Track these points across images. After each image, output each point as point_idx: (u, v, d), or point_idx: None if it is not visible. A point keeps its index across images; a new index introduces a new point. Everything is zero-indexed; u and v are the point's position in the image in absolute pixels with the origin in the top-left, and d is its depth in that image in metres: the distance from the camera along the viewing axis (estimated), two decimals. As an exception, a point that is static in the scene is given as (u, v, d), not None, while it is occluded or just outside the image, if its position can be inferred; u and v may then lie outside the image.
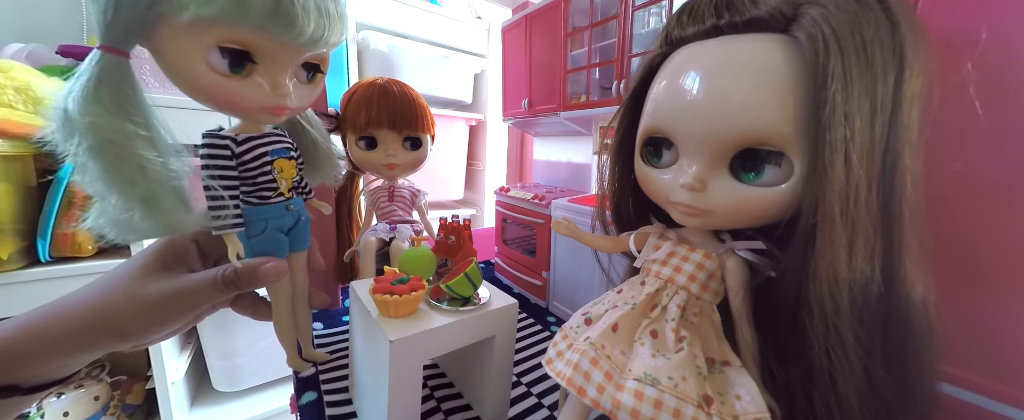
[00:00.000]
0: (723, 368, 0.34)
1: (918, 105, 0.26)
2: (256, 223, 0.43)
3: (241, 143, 0.41)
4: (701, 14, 0.33)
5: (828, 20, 0.26)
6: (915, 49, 0.25)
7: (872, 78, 0.25)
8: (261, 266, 0.41)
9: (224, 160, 0.39)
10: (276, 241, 0.44)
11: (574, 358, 0.35)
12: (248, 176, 0.41)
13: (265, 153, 0.42)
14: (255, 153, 0.41)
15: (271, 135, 0.43)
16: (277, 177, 0.43)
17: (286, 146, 0.45)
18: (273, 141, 0.43)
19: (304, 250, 0.51)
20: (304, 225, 0.49)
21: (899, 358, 0.28)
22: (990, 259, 0.33)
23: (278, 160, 0.43)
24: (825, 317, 0.27)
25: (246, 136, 0.41)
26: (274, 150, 0.43)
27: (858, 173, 0.25)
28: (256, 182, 0.42)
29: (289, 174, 0.45)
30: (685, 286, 0.37)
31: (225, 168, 0.40)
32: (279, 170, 0.43)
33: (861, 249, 0.26)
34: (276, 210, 0.44)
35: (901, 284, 0.27)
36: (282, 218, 0.45)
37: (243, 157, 0.40)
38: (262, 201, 0.43)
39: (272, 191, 0.43)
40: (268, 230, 0.43)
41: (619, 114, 0.44)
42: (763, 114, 0.29)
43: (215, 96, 0.36)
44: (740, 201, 0.32)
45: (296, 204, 0.47)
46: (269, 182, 0.43)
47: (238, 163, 0.40)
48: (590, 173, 1.00)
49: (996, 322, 0.34)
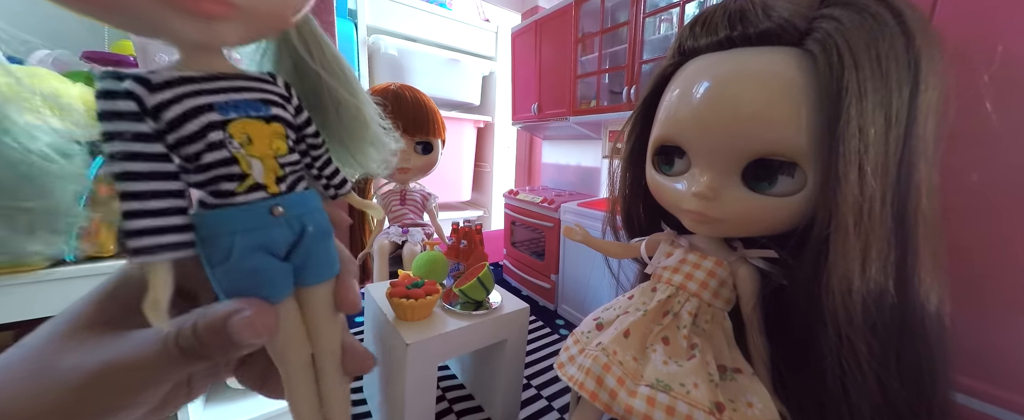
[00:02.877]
0: (735, 375, 0.34)
1: (933, 118, 0.26)
2: (218, 241, 0.25)
3: (159, 87, 0.23)
4: (714, 26, 0.33)
5: (843, 34, 0.26)
6: (930, 62, 0.26)
7: (887, 92, 0.25)
8: (230, 317, 0.23)
9: (127, 121, 0.22)
10: (255, 273, 0.26)
11: (587, 363, 0.36)
12: (187, 152, 0.24)
13: (207, 106, 0.24)
14: (186, 105, 0.23)
15: (233, 77, 0.25)
16: (240, 154, 0.25)
17: (263, 98, 0.26)
18: (233, 88, 0.25)
19: (325, 283, 0.30)
20: (316, 240, 0.29)
21: (913, 369, 0.28)
22: (1009, 269, 0.33)
23: (239, 121, 0.25)
24: (838, 327, 0.27)
25: (173, 75, 0.23)
26: (232, 104, 0.25)
27: (872, 185, 0.25)
28: (203, 164, 0.24)
29: (267, 148, 0.26)
30: (697, 293, 0.37)
31: (130, 136, 0.22)
32: (243, 140, 0.25)
33: (875, 260, 0.26)
34: (251, 215, 0.26)
35: (915, 295, 0.27)
36: (266, 230, 0.26)
37: (164, 113, 0.23)
38: (221, 200, 0.25)
39: (236, 181, 0.25)
40: (236, 254, 0.25)
41: (631, 122, 0.45)
42: (776, 125, 0.29)
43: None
44: (752, 210, 0.32)
45: (296, 204, 0.28)
46: (225, 163, 0.25)
47: (158, 129, 0.23)
48: (599, 177, 1.01)
49: (1013, 332, 0.33)
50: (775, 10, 0.30)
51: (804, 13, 0.29)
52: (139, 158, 0.22)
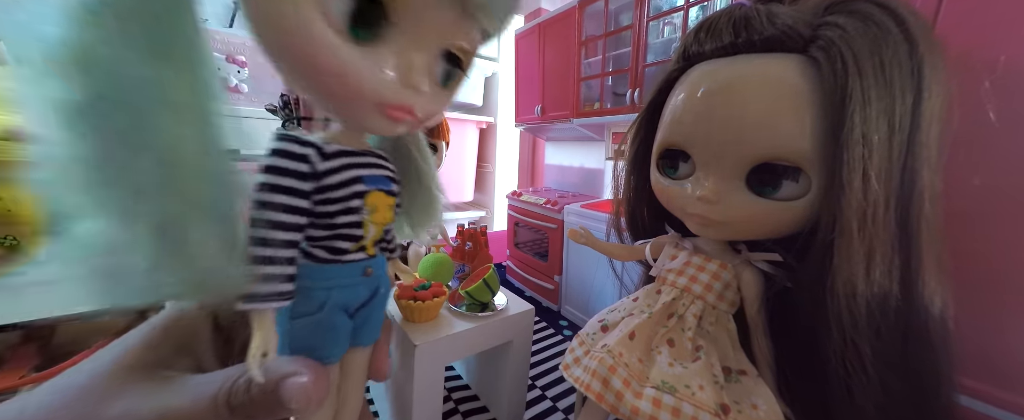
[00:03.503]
0: (740, 377, 0.34)
1: (937, 125, 0.26)
2: (312, 294, 0.27)
3: (329, 156, 0.26)
4: (719, 32, 0.34)
5: (847, 42, 0.26)
6: (933, 70, 0.26)
7: (891, 99, 0.26)
8: (285, 379, 0.23)
9: (295, 178, 0.25)
10: (332, 330, 0.28)
11: (592, 365, 0.36)
12: (325, 211, 0.27)
13: (359, 178, 0.27)
14: (345, 175, 0.27)
15: (371, 154, 0.30)
16: (366, 220, 0.28)
17: (388, 175, 0.30)
18: (373, 163, 0.29)
19: (369, 347, 0.33)
20: (381, 302, 0.32)
21: (917, 372, 0.28)
22: (1012, 273, 0.34)
23: (374, 193, 0.28)
24: (842, 330, 0.28)
25: (338, 148, 0.27)
26: (372, 177, 0.28)
27: (876, 191, 0.26)
28: (334, 224, 0.27)
29: (383, 218, 0.30)
30: (701, 296, 0.37)
31: (294, 192, 0.25)
32: (371, 209, 0.28)
33: (879, 264, 0.27)
34: (350, 273, 0.29)
35: (919, 298, 0.28)
36: (354, 289, 0.29)
37: (326, 179, 0.26)
38: (333, 256, 0.28)
39: (353, 242, 0.28)
40: (327, 309, 0.28)
41: (635, 125, 0.45)
42: (780, 131, 0.29)
43: (318, 64, 0.22)
44: (756, 214, 0.33)
45: (379, 266, 0.31)
46: (353, 226, 0.28)
47: (316, 188, 0.26)
48: (602, 178, 1.01)
49: (1016, 335, 0.34)
50: (779, 17, 0.30)
51: (808, 20, 0.29)
52: (291, 211, 0.25)
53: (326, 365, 0.28)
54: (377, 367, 0.34)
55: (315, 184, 0.26)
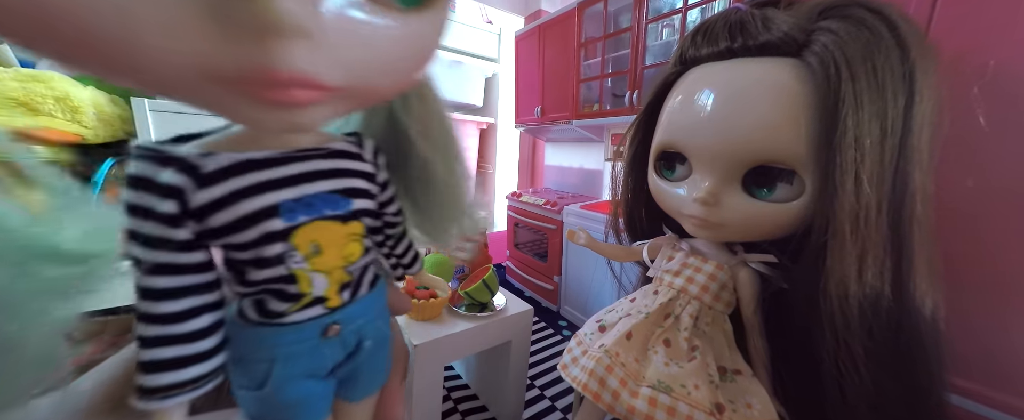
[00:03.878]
0: (735, 377, 0.35)
1: (928, 128, 0.27)
2: (249, 367, 0.20)
3: (210, 180, 0.17)
4: (715, 36, 0.34)
5: (840, 47, 0.27)
6: (925, 75, 0.26)
7: (883, 103, 0.26)
8: None
9: (162, 224, 0.17)
10: (291, 404, 0.21)
11: (590, 364, 0.37)
12: (236, 258, 0.19)
13: (270, 209, 0.18)
14: (242, 209, 0.18)
15: (307, 156, 0.19)
16: (301, 271, 0.19)
17: (342, 188, 0.20)
18: (301, 174, 0.19)
19: (369, 398, 0.25)
20: (371, 354, 0.24)
21: (909, 372, 0.29)
22: (1003, 274, 0.34)
23: (308, 226, 0.19)
24: (835, 331, 0.28)
25: (231, 160, 0.18)
26: (301, 202, 0.19)
27: (868, 194, 0.26)
28: (247, 280, 0.19)
29: (336, 259, 0.20)
30: (698, 296, 0.38)
31: (164, 244, 0.17)
32: (309, 252, 0.19)
33: (871, 266, 0.27)
34: (299, 338, 0.20)
35: (911, 300, 0.28)
36: (312, 355, 0.21)
37: (211, 220, 0.17)
38: (266, 319, 0.20)
39: (289, 301, 0.20)
40: (275, 382, 0.20)
41: (633, 127, 0.45)
42: (775, 134, 0.30)
43: (60, 24, 0.12)
44: (752, 216, 0.33)
45: (355, 316, 0.22)
46: (276, 281, 0.19)
47: (200, 232, 0.18)
48: (601, 179, 1.02)
49: (1007, 336, 0.34)
50: (774, 22, 0.30)
51: (803, 25, 0.29)
52: (170, 271, 0.17)
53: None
54: (386, 412, 0.25)
55: (198, 226, 0.17)
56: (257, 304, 0.20)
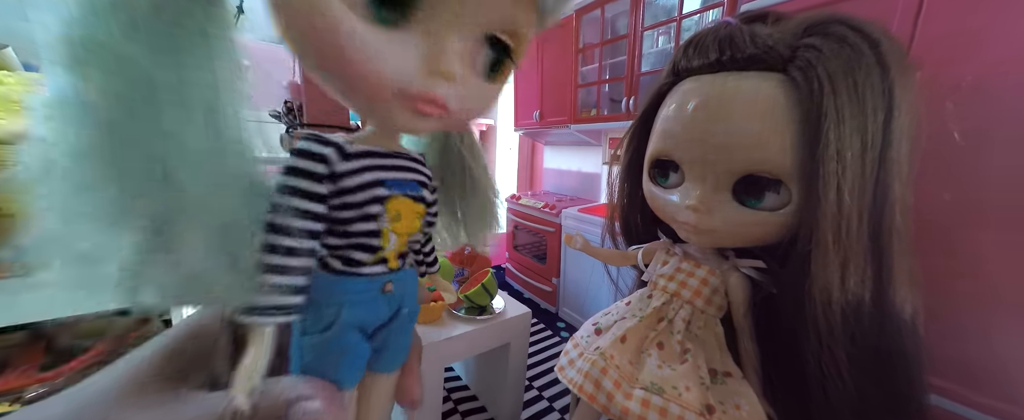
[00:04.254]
0: (725, 379, 0.36)
1: (907, 142, 0.28)
2: (321, 310, 0.25)
3: (350, 156, 0.25)
4: (706, 49, 0.35)
5: (823, 62, 0.28)
6: (904, 90, 0.28)
7: (863, 117, 0.27)
8: (293, 405, 0.22)
9: (310, 180, 0.23)
10: (344, 352, 0.25)
11: (585, 367, 0.38)
12: (340, 217, 0.24)
13: (380, 181, 0.25)
14: (365, 177, 0.25)
15: (402, 156, 0.28)
16: (386, 229, 0.26)
17: (419, 180, 0.28)
18: (401, 166, 0.27)
19: (393, 373, 0.29)
20: (404, 323, 0.29)
21: (890, 377, 0.30)
22: (980, 281, 0.35)
23: (397, 198, 0.26)
24: (819, 336, 0.29)
25: (363, 148, 0.25)
26: (397, 181, 0.26)
27: (849, 204, 0.27)
28: (349, 231, 0.25)
29: (407, 226, 0.27)
30: (690, 300, 0.39)
31: (308, 195, 0.23)
32: (393, 216, 0.26)
33: (853, 274, 0.28)
34: (365, 288, 0.26)
35: (891, 306, 0.29)
36: (371, 306, 0.26)
37: (344, 181, 0.24)
38: (348, 268, 0.25)
39: (370, 253, 0.26)
40: (337, 327, 0.25)
41: (629, 135, 0.47)
42: (762, 145, 0.31)
43: (335, 50, 0.20)
44: (741, 223, 0.34)
45: (402, 282, 0.28)
46: (370, 234, 0.25)
47: (333, 190, 0.24)
48: (599, 182, 1.03)
49: (985, 340, 0.35)
50: (761, 37, 0.32)
51: (788, 41, 0.31)
52: (304, 216, 0.23)
53: (343, 390, 0.25)
54: (405, 392, 0.30)
55: (333, 186, 0.24)
56: (342, 257, 0.26)
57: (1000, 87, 0.31)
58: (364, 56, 0.20)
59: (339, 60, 0.21)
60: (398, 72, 0.21)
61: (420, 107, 0.23)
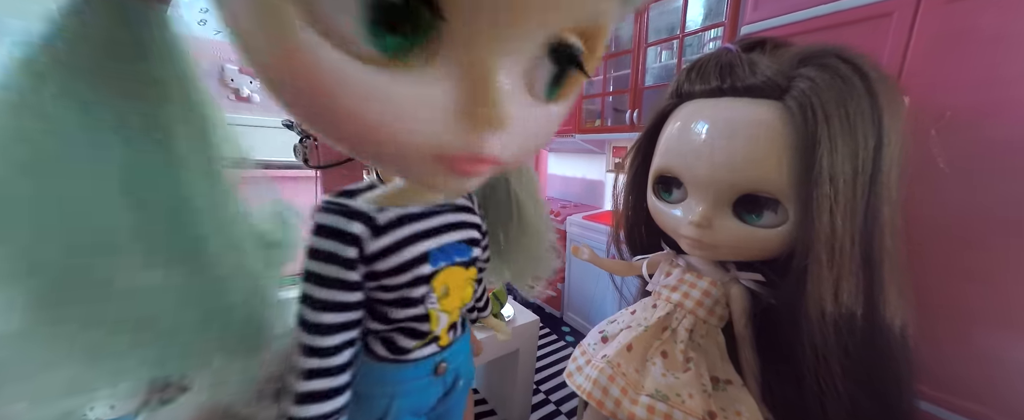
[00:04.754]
0: (726, 386, 0.38)
1: (896, 168, 0.30)
2: (372, 402, 0.22)
3: (384, 229, 0.20)
4: (707, 75, 0.37)
5: (817, 93, 0.30)
6: (893, 120, 0.30)
7: (855, 145, 0.29)
8: None
9: (341, 266, 0.19)
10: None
11: (593, 374, 0.40)
12: (380, 299, 0.21)
13: (423, 256, 0.21)
14: (404, 255, 0.21)
15: (446, 209, 0.23)
16: (434, 311, 0.22)
17: (468, 238, 0.24)
18: (446, 225, 0.23)
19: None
20: (461, 393, 0.27)
21: (881, 387, 0.32)
22: (966, 295, 0.37)
23: (445, 271, 0.22)
24: (815, 348, 0.31)
25: (396, 214, 0.21)
26: (444, 249, 0.22)
27: (841, 226, 0.29)
28: (390, 317, 0.22)
29: (457, 301, 0.24)
30: (693, 310, 0.41)
31: (340, 284, 0.20)
32: (442, 293, 0.22)
33: (845, 290, 0.30)
34: (416, 374, 0.23)
35: (882, 321, 0.31)
36: (424, 391, 0.24)
37: (379, 263, 0.20)
38: (394, 356, 0.22)
39: (417, 338, 0.22)
40: (392, 414, 0.22)
41: (634, 150, 0.49)
42: (760, 167, 0.33)
43: (326, 102, 0.14)
44: (742, 239, 0.36)
45: (456, 354, 0.25)
46: (416, 319, 0.22)
47: (367, 273, 0.20)
48: (603, 189, 1.05)
49: (970, 349, 0.37)
50: (759, 67, 0.34)
51: (784, 72, 0.33)
52: (337, 308, 0.19)
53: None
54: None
55: (366, 268, 0.20)
56: (386, 342, 0.22)
57: (982, 117, 0.33)
58: (367, 109, 0.14)
59: (329, 114, 0.14)
60: (423, 130, 0.15)
61: (463, 168, 0.17)
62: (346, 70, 0.13)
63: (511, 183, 0.30)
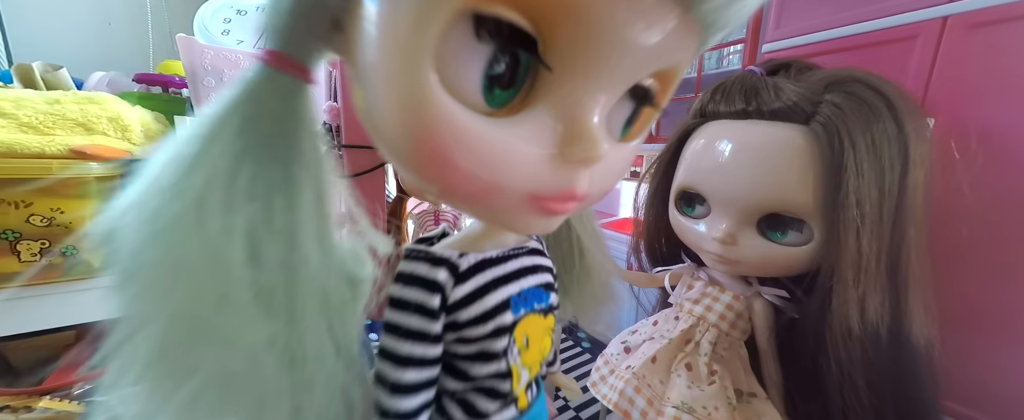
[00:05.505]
0: (750, 399, 0.39)
1: (921, 191, 0.31)
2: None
3: (465, 276, 0.19)
4: (732, 97, 0.38)
5: (843, 119, 0.31)
6: (918, 144, 0.31)
7: (880, 170, 0.30)
8: None
9: (424, 317, 0.18)
10: None
11: (619, 384, 0.41)
12: (457, 353, 0.20)
13: (502, 305, 0.20)
14: (486, 303, 0.19)
15: (523, 253, 0.22)
16: (515, 366, 0.20)
17: (545, 283, 0.22)
18: (524, 269, 0.21)
19: None
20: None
21: (906, 402, 0.33)
22: (992, 311, 0.38)
23: (525, 319, 0.20)
24: (840, 365, 0.32)
25: (477, 258, 0.20)
26: (524, 295, 0.21)
27: (868, 248, 0.30)
28: (469, 374, 0.20)
29: (537, 355, 0.22)
30: (716, 324, 0.42)
31: (422, 337, 0.18)
32: (521, 346, 0.20)
33: (871, 308, 0.31)
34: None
35: (907, 338, 0.32)
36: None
37: (460, 313, 0.19)
38: (468, 418, 0.20)
39: (497, 399, 0.20)
40: None
41: (656, 165, 0.50)
42: (786, 189, 0.34)
43: (442, 156, 0.15)
44: (766, 256, 0.37)
45: (534, 418, 0.23)
46: (496, 377, 0.20)
47: (448, 323, 0.19)
48: (618, 196, 1.06)
49: (995, 366, 0.38)
50: (784, 92, 0.35)
51: (810, 97, 0.34)
52: (418, 364, 0.18)
53: None
54: None
55: (447, 318, 0.19)
56: (464, 404, 0.20)
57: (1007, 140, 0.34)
58: (474, 156, 0.15)
59: (441, 166, 0.15)
60: (522, 172, 0.16)
61: (554, 207, 0.17)
62: (466, 125, 0.14)
63: (573, 224, 0.28)
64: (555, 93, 0.15)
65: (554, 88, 0.15)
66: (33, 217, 0.84)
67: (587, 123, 0.16)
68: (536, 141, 0.16)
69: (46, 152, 0.81)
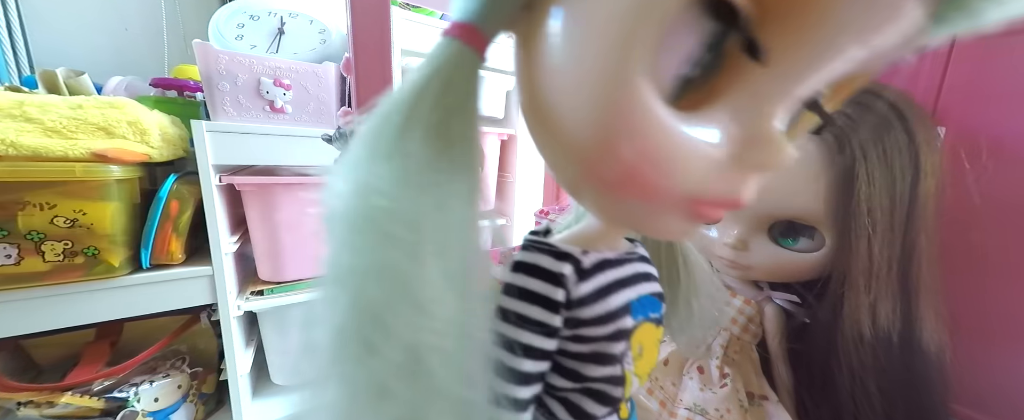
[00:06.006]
0: (761, 402, 0.40)
1: (932, 201, 0.31)
2: None
3: (589, 274, 0.19)
4: (746, 105, 0.39)
5: (854, 130, 0.32)
6: (929, 154, 0.31)
7: (892, 179, 0.31)
8: None
9: (546, 310, 0.18)
10: None
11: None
12: (573, 351, 0.19)
13: (624, 309, 0.19)
14: (609, 304, 0.19)
15: (636, 258, 0.21)
16: (628, 373, 0.20)
17: (655, 291, 0.22)
18: (636, 275, 0.21)
19: None
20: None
21: (916, 406, 0.33)
22: (1001, 318, 0.39)
23: (642, 327, 0.20)
24: (852, 370, 0.33)
25: (598, 258, 0.19)
26: (641, 301, 0.20)
27: (879, 255, 0.31)
28: (581, 374, 0.19)
29: (648, 364, 0.21)
30: (727, 327, 0.43)
31: (543, 329, 0.18)
32: (637, 351, 0.20)
33: (882, 316, 0.32)
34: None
35: (918, 343, 0.33)
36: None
37: (582, 310, 0.18)
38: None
39: (606, 404, 0.20)
40: None
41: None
42: (798, 197, 0.35)
43: (639, 156, 0.14)
44: (778, 262, 0.38)
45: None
46: (609, 381, 0.19)
47: (568, 319, 0.18)
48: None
49: (1006, 370, 0.38)
50: None
51: None
52: (536, 355, 0.17)
53: None
54: None
55: (568, 314, 0.18)
56: (569, 405, 0.19)
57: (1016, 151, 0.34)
58: (665, 159, 0.13)
59: (633, 169, 0.13)
60: (691, 173, 0.14)
61: (709, 213, 0.15)
62: (659, 119, 0.13)
63: (674, 245, 0.26)
64: (746, 87, 0.13)
65: (746, 81, 0.13)
66: (57, 218, 0.87)
67: (774, 124, 0.14)
68: (715, 140, 0.14)
69: (69, 155, 0.83)
